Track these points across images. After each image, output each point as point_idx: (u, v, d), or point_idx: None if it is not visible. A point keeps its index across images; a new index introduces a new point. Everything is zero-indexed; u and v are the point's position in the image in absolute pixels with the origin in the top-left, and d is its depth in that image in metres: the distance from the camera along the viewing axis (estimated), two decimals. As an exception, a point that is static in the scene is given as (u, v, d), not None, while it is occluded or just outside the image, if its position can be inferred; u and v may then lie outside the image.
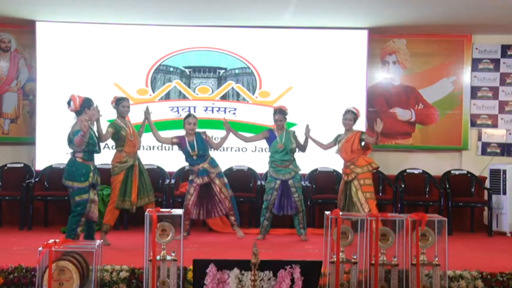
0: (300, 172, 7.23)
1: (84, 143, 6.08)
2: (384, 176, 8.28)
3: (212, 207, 7.15)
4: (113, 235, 6.88)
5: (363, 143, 6.90)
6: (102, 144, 8.10)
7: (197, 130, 7.27)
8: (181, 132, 8.70)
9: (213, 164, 7.21)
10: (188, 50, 8.79)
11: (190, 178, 7.23)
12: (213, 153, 7.39)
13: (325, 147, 7.24)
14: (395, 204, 8.01)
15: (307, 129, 7.14)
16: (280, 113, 7.18)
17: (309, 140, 7.19)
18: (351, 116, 6.93)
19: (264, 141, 7.37)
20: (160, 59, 8.75)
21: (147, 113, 7.09)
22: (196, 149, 7.11)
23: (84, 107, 6.16)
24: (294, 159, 7.19)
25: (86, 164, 6.12)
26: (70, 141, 6.15)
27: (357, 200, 6.72)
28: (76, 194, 6.09)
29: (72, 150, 6.19)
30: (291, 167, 7.11)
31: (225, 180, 7.25)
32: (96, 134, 6.40)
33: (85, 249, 4.50)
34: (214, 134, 8.43)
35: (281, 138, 7.13)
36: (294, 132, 7.30)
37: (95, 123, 6.49)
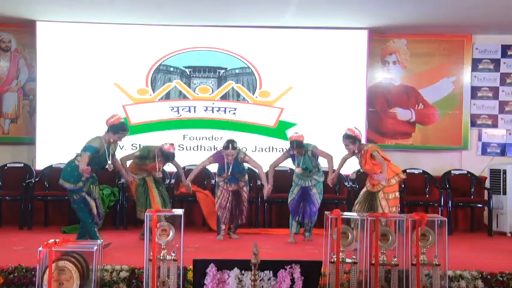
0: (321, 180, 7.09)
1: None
2: (384, 176, 8.27)
3: (239, 214, 7.10)
4: (113, 235, 6.87)
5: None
6: None
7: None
8: (182, 132, 8.73)
9: (243, 173, 7.17)
10: (188, 50, 8.79)
11: (217, 180, 7.19)
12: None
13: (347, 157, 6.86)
14: (395, 204, 8.00)
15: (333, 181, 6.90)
16: (298, 146, 6.92)
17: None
18: (347, 141, 6.54)
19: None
20: (160, 59, 8.74)
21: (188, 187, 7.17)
22: (230, 172, 7.02)
23: (111, 128, 6.24)
24: (318, 169, 7.05)
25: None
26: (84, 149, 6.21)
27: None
28: (73, 194, 6.21)
29: (79, 152, 6.26)
30: (315, 177, 7.02)
31: (248, 190, 7.24)
32: (110, 157, 6.34)
33: (85, 249, 4.50)
34: (214, 134, 8.45)
35: (299, 162, 6.98)
36: (314, 147, 6.99)
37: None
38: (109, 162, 6.31)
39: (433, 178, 8.42)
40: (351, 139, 6.50)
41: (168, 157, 6.98)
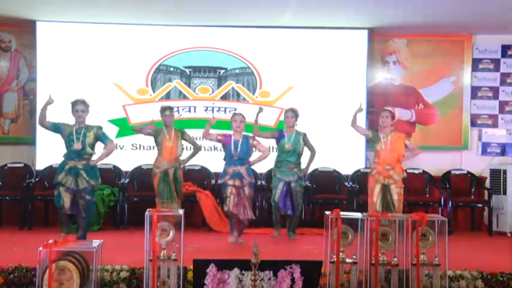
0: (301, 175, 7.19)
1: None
2: (384, 176, 8.27)
3: (243, 208, 6.91)
4: (113, 235, 6.87)
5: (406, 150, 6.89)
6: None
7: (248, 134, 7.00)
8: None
9: (249, 172, 6.91)
10: (188, 50, 8.79)
11: (221, 182, 6.88)
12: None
13: (357, 127, 7.08)
14: (395, 204, 7.99)
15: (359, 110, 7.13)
16: (292, 111, 7.16)
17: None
18: (387, 113, 6.87)
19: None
20: (160, 59, 8.75)
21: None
22: (238, 150, 6.79)
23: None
24: (299, 163, 7.14)
25: (63, 163, 6.49)
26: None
27: (393, 207, 6.64)
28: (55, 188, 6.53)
29: None
30: (295, 170, 7.08)
31: (253, 192, 6.99)
32: (83, 139, 6.44)
33: (85, 249, 4.50)
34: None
35: (289, 139, 7.08)
36: (305, 134, 7.17)
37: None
38: (75, 143, 6.40)
39: (433, 178, 8.42)
40: (391, 113, 6.93)
41: (165, 110, 7.03)
